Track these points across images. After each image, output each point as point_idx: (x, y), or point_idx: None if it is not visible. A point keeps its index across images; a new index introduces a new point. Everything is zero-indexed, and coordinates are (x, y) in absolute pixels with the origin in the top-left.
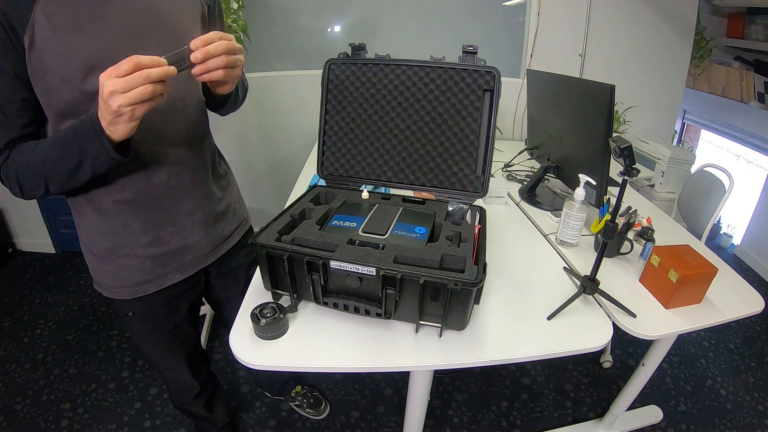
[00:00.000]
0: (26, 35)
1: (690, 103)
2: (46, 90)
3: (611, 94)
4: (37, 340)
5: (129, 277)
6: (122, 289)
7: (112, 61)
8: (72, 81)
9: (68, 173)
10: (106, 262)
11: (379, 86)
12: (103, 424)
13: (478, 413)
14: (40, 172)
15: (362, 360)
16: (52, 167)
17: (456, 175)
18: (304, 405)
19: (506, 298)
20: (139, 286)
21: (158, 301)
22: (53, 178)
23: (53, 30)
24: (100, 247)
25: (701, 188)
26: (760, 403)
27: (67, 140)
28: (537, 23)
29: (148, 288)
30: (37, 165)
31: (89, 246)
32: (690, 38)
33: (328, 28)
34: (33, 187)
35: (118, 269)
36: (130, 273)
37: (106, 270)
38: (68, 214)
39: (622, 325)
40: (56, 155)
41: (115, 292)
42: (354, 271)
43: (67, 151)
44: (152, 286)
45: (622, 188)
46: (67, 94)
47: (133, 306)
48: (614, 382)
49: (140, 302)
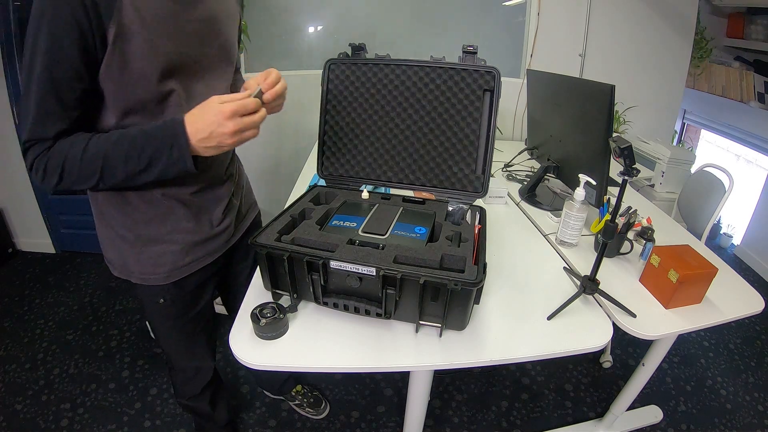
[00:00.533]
0: (112, 23)
1: (690, 103)
2: (122, 84)
3: (611, 94)
4: (37, 340)
5: (167, 263)
6: (157, 275)
7: (184, 66)
8: (149, 79)
9: (131, 174)
10: (144, 249)
11: (379, 86)
12: (103, 424)
13: (478, 413)
14: (95, 168)
15: (362, 360)
16: (113, 165)
17: (456, 175)
18: (304, 404)
19: (506, 298)
20: (176, 271)
21: (188, 286)
22: (110, 175)
23: (141, 24)
24: (140, 235)
25: (701, 188)
26: (760, 403)
27: (137, 143)
28: (537, 23)
29: (183, 272)
30: (93, 160)
31: (125, 235)
32: (690, 38)
33: (328, 28)
34: (79, 180)
35: (157, 256)
36: (169, 258)
37: (142, 258)
38: (68, 213)
39: (622, 325)
40: (120, 154)
41: (149, 279)
42: (354, 271)
43: (137, 154)
44: (186, 270)
45: (622, 188)
46: (141, 92)
47: (164, 292)
48: (614, 382)
49: (173, 287)
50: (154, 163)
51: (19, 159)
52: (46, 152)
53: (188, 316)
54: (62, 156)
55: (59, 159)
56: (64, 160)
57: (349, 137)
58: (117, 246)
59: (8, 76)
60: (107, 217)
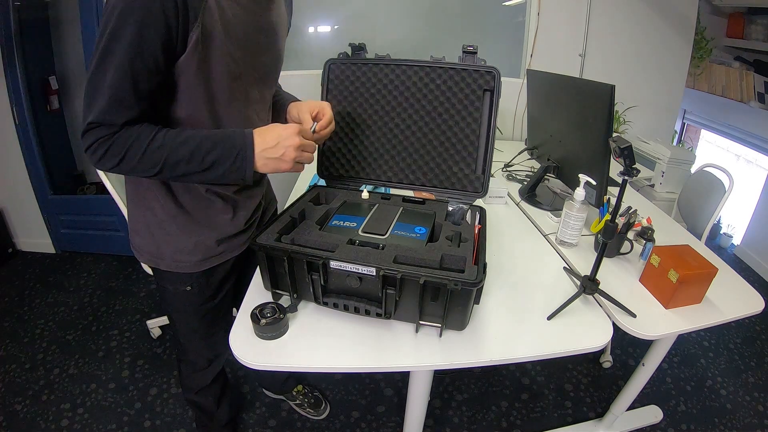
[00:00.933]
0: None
1: (690, 103)
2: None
3: (611, 94)
4: (37, 340)
5: (201, 251)
6: (188, 263)
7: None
8: (220, 82)
9: (190, 172)
10: (182, 236)
11: (379, 86)
12: (103, 424)
13: (478, 413)
14: (157, 160)
15: (362, 360)
16: (175, 162)
17: (456, 175)
18: (305, 405)
19: (506, 298)
20: (207, 260)
21: (215, 276)
22: (170, 170)
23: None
24: (180, 222)
25: (701, 188)
26: (760, 403)
27: (204, 145)
28: (537, 23)
29: (213, 261)
30: (156, 153)
31: (165, 220)
32: (690, 38)
33: (328, 28)
34: (137, 168)
35: (193, 243)
36: (203, 247)
37: (178, 244)
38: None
39: (622, 325)
40: (185, 154)
41: (180, 266)
42: (354, 271)
43: (201, 156)
44: (216, 260)
45: (622, 188)
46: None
47: (192, 279)
48: (614, 382)
49: (201, 275)
50: (216, 168)
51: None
52: (110, 137)
53: (211, 305)
54: (127, 144)
55: (123, 146)
56: (128, 147)
57: (349, 137)
58: (152, 231)
59: (8, 76)
60: (148, 200)
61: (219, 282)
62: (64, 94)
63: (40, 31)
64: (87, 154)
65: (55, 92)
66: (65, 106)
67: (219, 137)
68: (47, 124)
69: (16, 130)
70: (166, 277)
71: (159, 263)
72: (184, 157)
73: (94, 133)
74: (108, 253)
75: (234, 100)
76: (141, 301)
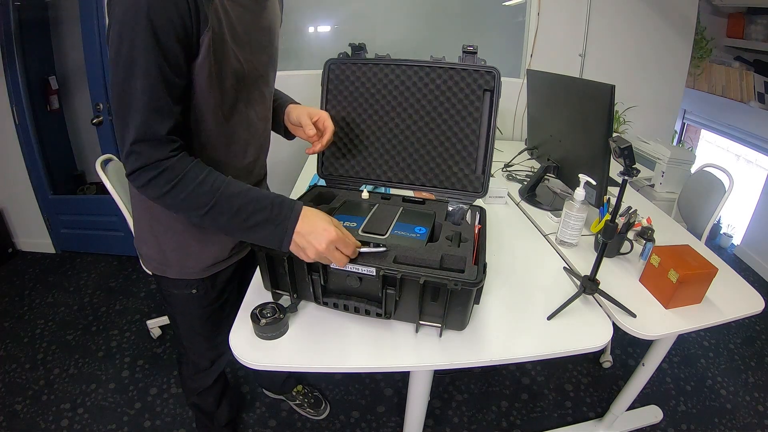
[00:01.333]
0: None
1: (690, 103)
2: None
3: (611, 94)
4: (37, 340)
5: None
6: (196, 269)
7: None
8: (227, 84)
9: (232, 226)
10: (192, 242)
11: (379, 86)
12: (103, 424)
13: (478, 413)
14: (207, 201)
15: (362, 360)
16: (220, 211)
17: (456, 175)
18: (305, 405)
19: (506, 298)
20: (215, 265)
21: (221, 277)
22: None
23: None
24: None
25: (701, 188)
26: (760, 403)
27: (250, 206)
28: (537, 23)
29: (220, 266)
30: (207, 193)
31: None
32: (690, 38)
33: (328, 28)
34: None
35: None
36: (213, 253)
37: (188, 251)
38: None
39: (622, 325)
40: (233, 205)
41: (187, 273)
42: (354, 271)
43: (246, 214)
44: (223, 264)
45: (622, 188)
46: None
47: (198, 283)
48: (614, 382)
49: (207, 279)
50: (257, 230)
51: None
52: (159, 163)
53: (215, 306)
54: (177, 174)
55: (173, 176)
56: (179, 179)
57: (349, 137)
58: (160, 241)
59: (8, 76)
60: (157, 209)
61: (224, 283)
62: (64, 94)
63: (40, 31)
64: (131, 179)
65: (55, 92)
66: (65, 106)
67: (266, 199)
68: (47, 124)
69: (16, 130)
70: (170, 282)
71: (166, 272)
72: (232, 209)
73: (140, 157)
74: (108, 253)
75: (238, 101)
76: (141, 301)
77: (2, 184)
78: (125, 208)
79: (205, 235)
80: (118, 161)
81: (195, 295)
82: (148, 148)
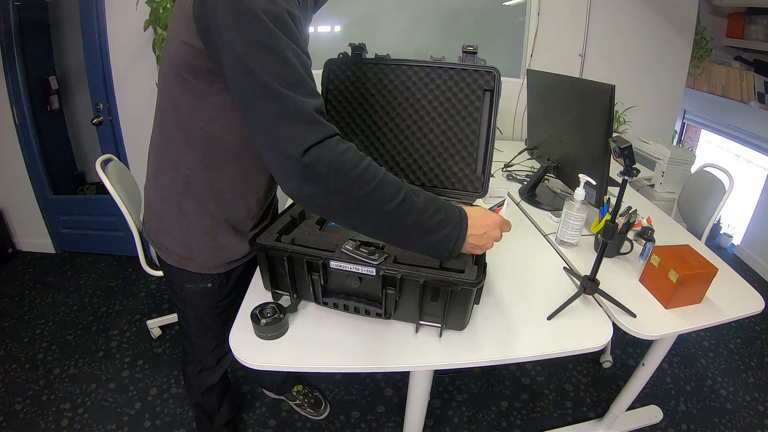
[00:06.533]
0: None
1: (690, 103)
2: None
3: (611, 94)
4: (37, 340)
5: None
6: (217, 264)
7: None
8: None
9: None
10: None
11: (379, 86)
12: (103, 424)
13: (478, 413)
14: (392, 196)
15: (362, 360)
16: (411, 206)
17: (456, 175)
18: (305, 405)
19: (506, 298)
20: (235, 261)
21: (236, 270)
22: (401, 215)
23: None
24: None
25: (701, 188)
26: (760, 403)
27: (432, 202)
28: (537, 23)
29: (240, 261)
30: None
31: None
32: (690, 38)
33: (328, 28)
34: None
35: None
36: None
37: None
38: (68, 213)
39: (622, 325)
40: (419, 202)
41: (208, 267)
42: (354, 271)
43: (431, 210)
44: (243, 259)
45: (622, 188)
46: None
47: (213, 277)
48: (614, 382)
49: (223, 274)
50: (436, 231)
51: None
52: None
53: (227, 301)
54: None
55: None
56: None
57: (349, 137)
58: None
59: (8, 76)
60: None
61: (237, 278)
62: (64, 94)
63: (40, 31)
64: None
65: (55, 92)
66: (65, 106)
67: (440, 203)
68: (47, 124)
69: (16, 130)
70: (186, 275)
71: (189, 265)
72: (417, 206)
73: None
74: (108, 253)
75: None
76: (141, 301)
77: (2, 184)
78: (125, 208)
79: (231, 232)
80: (118, 161)
81: (210, 289)
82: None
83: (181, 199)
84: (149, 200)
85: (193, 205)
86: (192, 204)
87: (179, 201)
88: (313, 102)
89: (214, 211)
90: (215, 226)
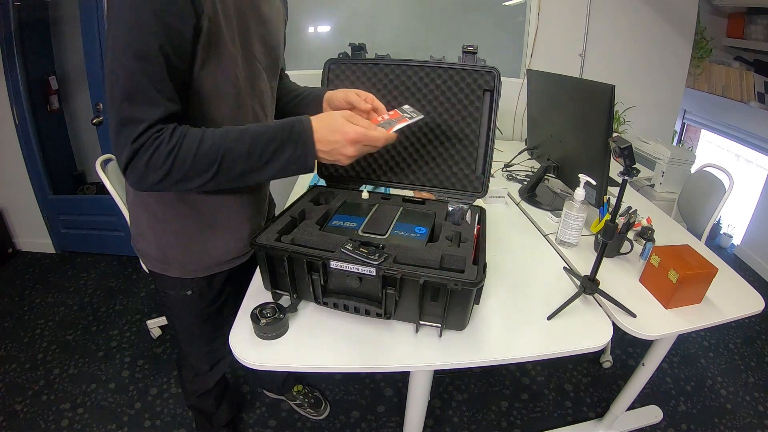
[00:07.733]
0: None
1: (690, 103)
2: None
3: (611, 94)
4: (37, 340)
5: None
6: (197, 269)
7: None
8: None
9: (249, 169)
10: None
11: (379, 86)
12: (103, 424)
13: (478, 413)
14: (213, 161)
15: (362, 360)
16: (232, 159)
17: (456, 175)
18: (305, 405)
19: (506, 298)
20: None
21: (218, 277)
22: (228, 170)
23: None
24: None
25: (701, 188)
26: (760, 403)
27: (260, 139)
28: (537, 23)
29: (222, 267)
30: (210, 154)
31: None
32: (690, 38)
33: (328, 28)
34: (191, 174)
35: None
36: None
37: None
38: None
39: (622, 325)
40: (242, 150)
41: (188, 272)
42: (354, 271)
43: (259, 150)
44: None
45: (622, 188)
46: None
47: (193, 283)
48: (614, 382)
49: (202, 280)
50: (276, 158)
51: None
52: (151, 141)
53: (212, 309)
54: (168, 148)
55: (167, 153)
56: (176, 155)
57: None
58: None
59: (8, 76)
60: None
61: (221, 285)
62: (64, 94)
63: (40, 31)
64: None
65: (55, 92)
66: (65, 106)
67: (274, 127)
68: (47, 124)
69: (16, 130)
70: (166, 282)
71: (167, 270)
72: (242, 154)
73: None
74: (108, 253)
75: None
76: (141, 301)
77: (2, 184)
78: (125, 208)
79: (208, 233)
80: None
81: (190, 297)
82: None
83: (150, 201)
84: (129, 204)
85: (162, 207)
86: (161, 205)
87: (149, 203)
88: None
89: (185, 211)
90: (188, 227)
